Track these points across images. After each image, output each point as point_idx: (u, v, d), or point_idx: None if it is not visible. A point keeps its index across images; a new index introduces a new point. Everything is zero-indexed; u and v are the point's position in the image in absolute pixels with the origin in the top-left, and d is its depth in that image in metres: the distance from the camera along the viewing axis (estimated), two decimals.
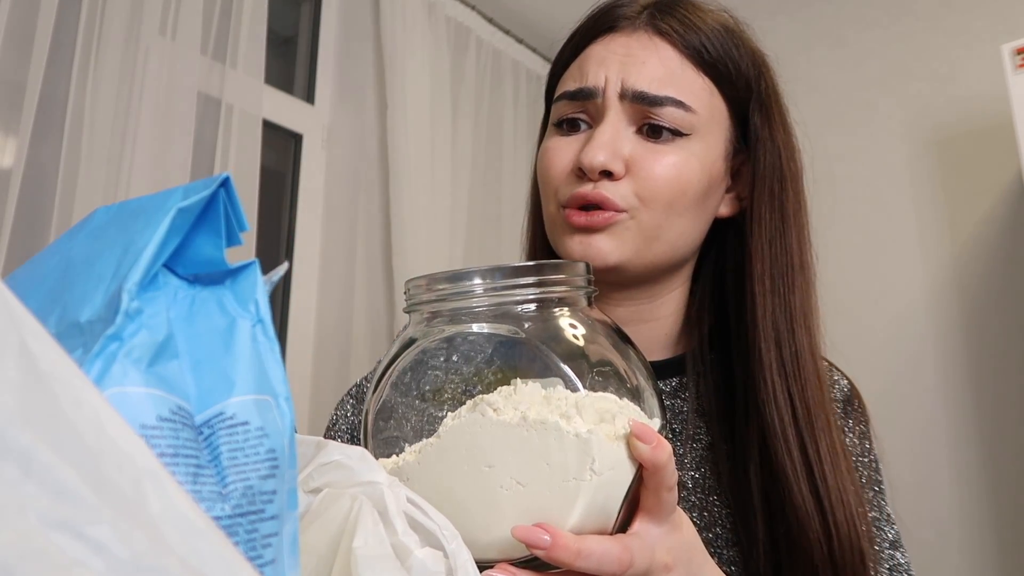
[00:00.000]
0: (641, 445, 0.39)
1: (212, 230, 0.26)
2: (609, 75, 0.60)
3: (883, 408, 1.93)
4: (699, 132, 0.60)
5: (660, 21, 0.61)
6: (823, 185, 2.28)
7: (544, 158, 0.64)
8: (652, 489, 0.40)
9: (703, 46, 0.61)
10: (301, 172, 1.87)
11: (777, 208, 0.63)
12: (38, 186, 1.31)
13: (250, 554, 0.23)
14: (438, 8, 2.06)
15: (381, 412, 0.44)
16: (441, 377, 0.45)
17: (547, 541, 0.36)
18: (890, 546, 0.62)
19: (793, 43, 2.28)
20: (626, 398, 0.42)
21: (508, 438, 0.38)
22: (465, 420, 0.39)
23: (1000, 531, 1.81)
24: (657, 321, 0.67)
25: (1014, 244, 1.89)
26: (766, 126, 0.64)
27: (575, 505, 0.38)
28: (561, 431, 0.38)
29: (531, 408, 0.39)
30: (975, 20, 2.00)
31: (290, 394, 0.25)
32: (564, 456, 0.38)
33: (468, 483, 0.39)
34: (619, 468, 0.39)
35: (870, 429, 0.67)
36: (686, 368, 0.66)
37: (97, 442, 0.16)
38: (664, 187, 0.59)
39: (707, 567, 0.45)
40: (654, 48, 0.61)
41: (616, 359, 0.44)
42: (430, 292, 0.43)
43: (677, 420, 0.65)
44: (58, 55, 1.34)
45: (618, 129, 0.60)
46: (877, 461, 0.66)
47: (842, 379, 0.69)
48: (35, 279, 0.27)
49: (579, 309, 0.45)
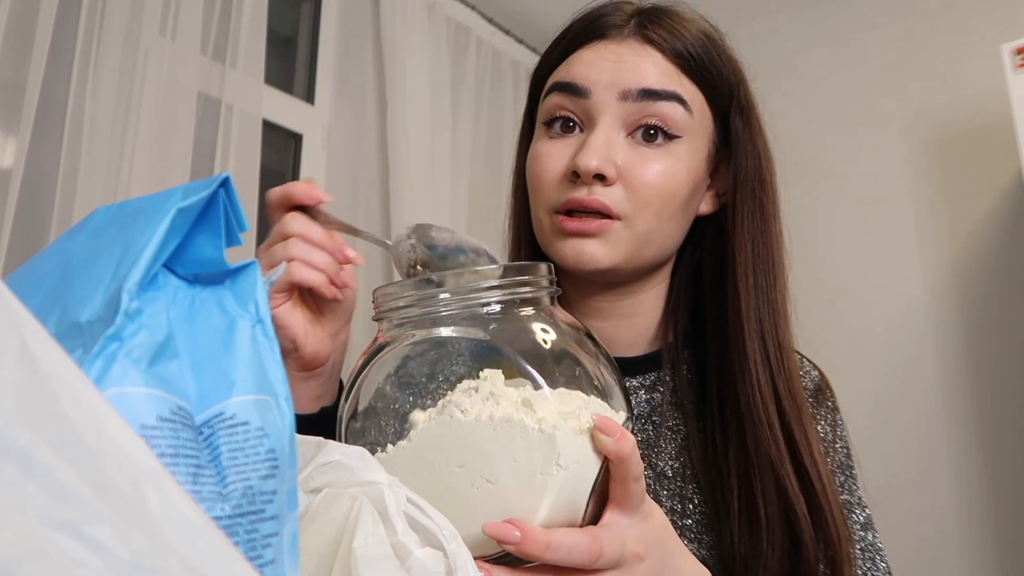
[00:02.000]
0: (605, 438, 0.40)
1: (212, 230, 0.26)
2: (602, 77, 0.62)
3: (883, 407, 1.94)
4: (689, 135, 0.63)
5: (648, 30, 0.63)
6: (823, 185, 2.28)
7: (536, 163, 0.65)
8: (619, 480, 0.41)
9: (689, 54, 0.63)
10: (301, 172, 1.87)
11: (758, 208, 0.66)
12: (38, 186, 1.31)
13: (250, 554, 0.23)
14: (438, 8, 2.06)
15: (354, 418, 0.45)
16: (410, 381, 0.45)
17: (517, 536, 0.37)
18: (861, 528, 0.65)
19: (793, 43, 2.28)
20: (593, 394, 0.43)
21: (476, 438, 0.39)
22: (435, 423, 0.40)
23: (999, 530, 1.81)
24: (638, 317, 0.69)
25: (1014, 244, 1.89)
26: (747, 130, 0.66)
27: (543, 500, 0.39)
28: (526, 428, 0.39)
29: (497, 407, 0.40)
30: (975, 20, 2.00)
31: (290, 394, 0.25)
32: (530, 452, 0.39)
33: (440, 484, 0.40)
34: (584, 461, 0.40)
35: (840, 416, 0.71)
36: (663, 363, 0.68)
37: (97, 442, 0.16)
38: (656, 193, 0.61)
39: (679, 554, 0.46)
40: (645, 54, 0.63)
41: (582, 357, 0.45)
42: (397, 299, 0.44)
43: (656, 412, 0.67)
44: (58, 55, 1.34)
45: (611, 135, 0.61)
46: (848, 447, 0.69)
47: (813, 370, 0.72)
48: (35, 279, 0.27)
49: (544, 309, 0.46)
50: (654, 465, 0.65)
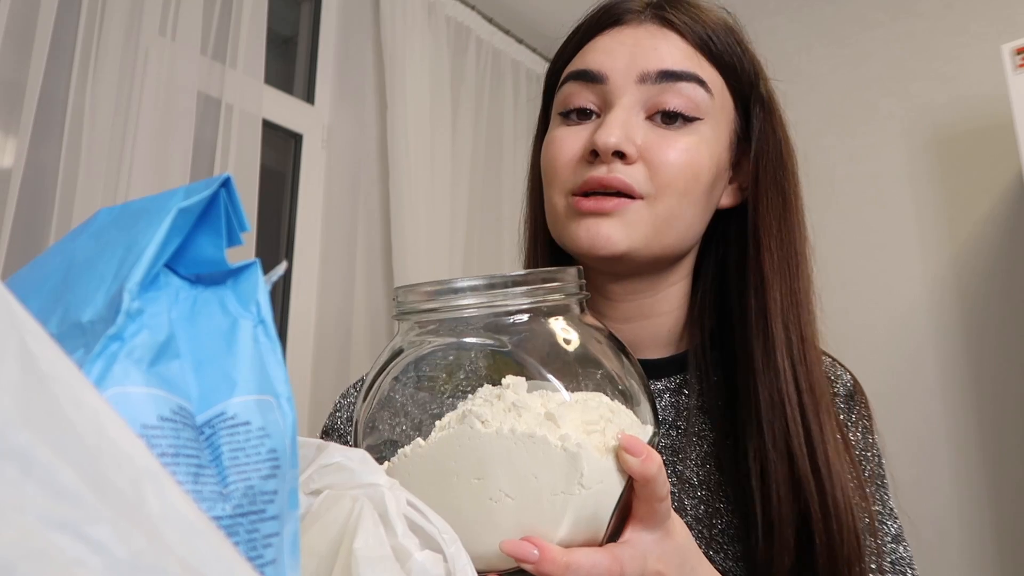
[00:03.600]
0: (631, 458, 0.38)
1: (213, 230, 0.26)
2: (618, 63, 0.60)
3: (883, 407, 1.93)
4: (710, 117, 0.61)
5: (667, 12, 0.62)
6: (823, 185, 2.28)
7: (551, 147, 0.63)
8: (644, 500, 0.40)
9: (709, 38, 0.61)
10: (301, 172, 1.87)
11: (780, 197, 0.64)
12: (38, 186, 1.31)
13: (250, 554, 0.23)
14: (438, 8, 2.06)
15: (370, 421, 0.44)
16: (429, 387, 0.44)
17: (535, 555, 0.36)
18: (892, 540, 0.62)
19: (793, 43, 2.28)
20: (618, 401, 0.42)
21: (497, 451, 0.38)
22: (454, 432, 0.39)
23: (1000, 530, 1.81)
24: (660, 317, 0.67)
25: (1014, 244, 1.89)
26: (768, 120, 0.65)
27: (563, 518, 0.38)
28: (549, 445, 0.37)
29: (519, 419, 0.38)
30: (975, 20, 2.00)
31: (292, 395, 0.25)
32: (552, 470, 0.37)
33: (457, 494, 0.38)
34: (608, 480, 0.39)
35: (873, 424, 0.68)
36: (689, 365, 0.66)
37: (97, 442, 0.16)
38: (678, 173, 0.58)
39: (700, 569, 0.45)
40: (663, 36, 0.61)
41: (609, 364, 0.44)
42: (420, 302, 0.43)
43: (681, 417, 0.65)
44: (58, 55, 1.34)
45: (631, 114, 0.59)
46: (880, 456, 0.67)
47: (845, 374, 0.69)
48: (38, 279, 0.27)
49: (572, 316, 0.44)
50: (679, 472, 0.63)
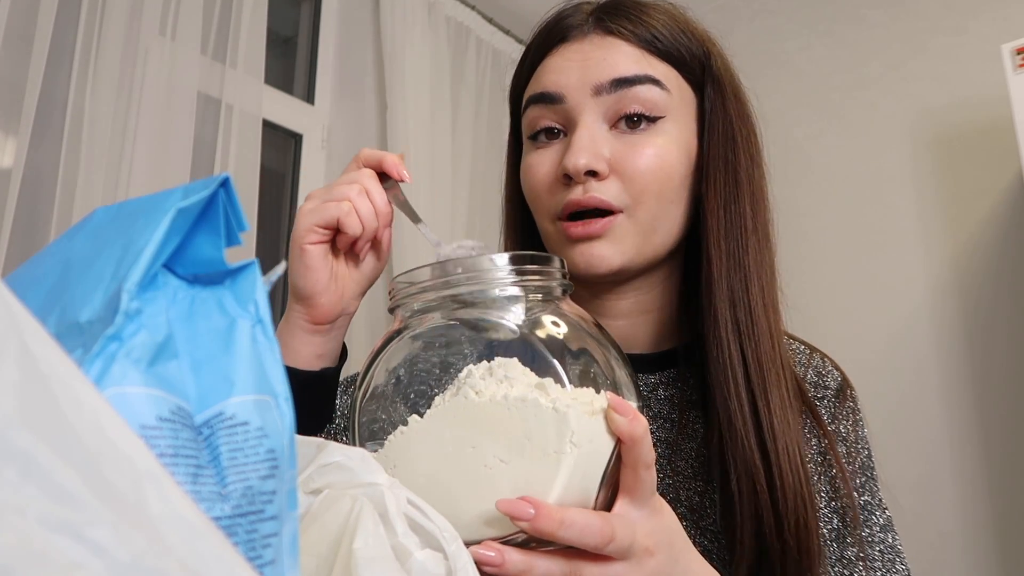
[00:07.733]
0: (618, 418, 0.40)
1: (212, 230, 0.26)
2: (571, 80, 0.62)
3: (884, 407, 1.93)
4: (672, 112, 0.62)
5: (608, 22, 0.63)
6: (823, 185, 2.27)
7: (527, 175, 0.65)
8: (630, 466, 0.41)
9: (655, 37, 0.63)
10: (301, 172, 1.87)
11: (731, 173, 0.64)
12: (38, 186, 1.31)
13: (250, 554, 0.23)
14: (438, 8, 2.06)
15: (368, 400, 0.46)
16: (425, 365, 0.46)
17: (531, 512, 0.37)
18: (881, 530, 0.64)
19: (793, 43, 2.28)
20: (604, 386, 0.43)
21: (490, 418, 0.39)
22: (449, 404, 0.41)
23: (1002, 531, 1.81)
24: (654, 312, 0.68)
25: (1014, 244, 1.89)
26: (718, 97, 0.65)
27: (557, 477, 0.39)
28: (540, 406, 0.39)
29: (512, 388, 0.40)
30: (975, 20, 2.00)
31: (290, 394, 0.25)
32: (544, 430, 0.39)
33: (453, 465, 0.40)
34: (597, 440, 0.40)
35: (861, 417, 0.69)
36: (680, 359, 0.68)
37: (97, 443, 0.16)
38: (652, 179, 0.60)
39: (688, 553, 0.46)
40: (609, 45, 0.62)
41: (594, 350, 0.45)
42: (412, 285, 0.45)
43: (675, 410, 0.66)
44: (58, 55, 1.34)
45: (594, 130, 0.61)
46: (869, 448, 0.68)
47: (835, 371, 0.71)
48: (35, 279, 0.27)
49: (556, 301, 0.47)
50: (674, 465, 0.64)
